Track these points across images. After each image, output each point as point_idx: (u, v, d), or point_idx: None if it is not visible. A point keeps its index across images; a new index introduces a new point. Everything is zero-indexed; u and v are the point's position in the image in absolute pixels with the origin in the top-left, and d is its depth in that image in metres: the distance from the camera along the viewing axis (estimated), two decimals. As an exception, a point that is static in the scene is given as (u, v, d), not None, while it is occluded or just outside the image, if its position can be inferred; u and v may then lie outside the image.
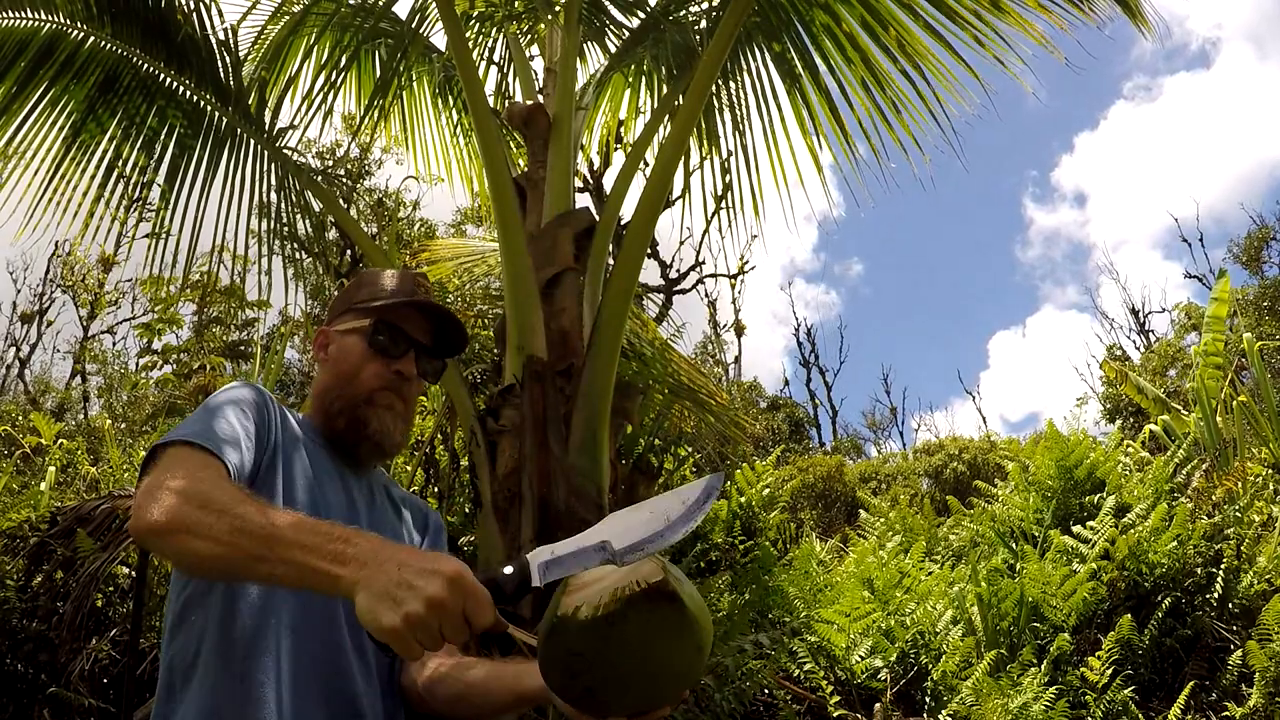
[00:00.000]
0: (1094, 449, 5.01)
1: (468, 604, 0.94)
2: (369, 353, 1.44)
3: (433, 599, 0.91)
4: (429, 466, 4.52)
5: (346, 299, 1.52)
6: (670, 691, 1.09)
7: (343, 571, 0.96)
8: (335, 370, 1.46)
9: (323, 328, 1.53)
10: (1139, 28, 3.67)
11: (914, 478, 12.08)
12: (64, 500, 4.54)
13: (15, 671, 3.52)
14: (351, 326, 1.47)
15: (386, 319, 1.46)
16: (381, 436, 1.43)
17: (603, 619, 1.00)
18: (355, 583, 0.94)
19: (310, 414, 1.49)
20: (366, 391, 1.43)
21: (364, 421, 1.42)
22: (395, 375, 1.44)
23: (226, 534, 1.01)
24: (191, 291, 9.45)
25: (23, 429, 7.11)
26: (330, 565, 0.96)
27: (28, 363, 17.21)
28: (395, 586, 0.92)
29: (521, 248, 3.44)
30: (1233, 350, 9.08)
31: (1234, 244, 18.92)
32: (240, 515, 1.02)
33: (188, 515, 1.04)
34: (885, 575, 4.47)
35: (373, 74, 5.13)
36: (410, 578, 0.93)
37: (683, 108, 3.55)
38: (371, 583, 0.93)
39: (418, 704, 1.38)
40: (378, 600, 0.92)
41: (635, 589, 1.00)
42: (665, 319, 11.57)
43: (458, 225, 15.31)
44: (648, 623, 1.01)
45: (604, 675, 1.04)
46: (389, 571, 0.94)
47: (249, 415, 1.30)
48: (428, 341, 1.49)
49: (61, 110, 4.13)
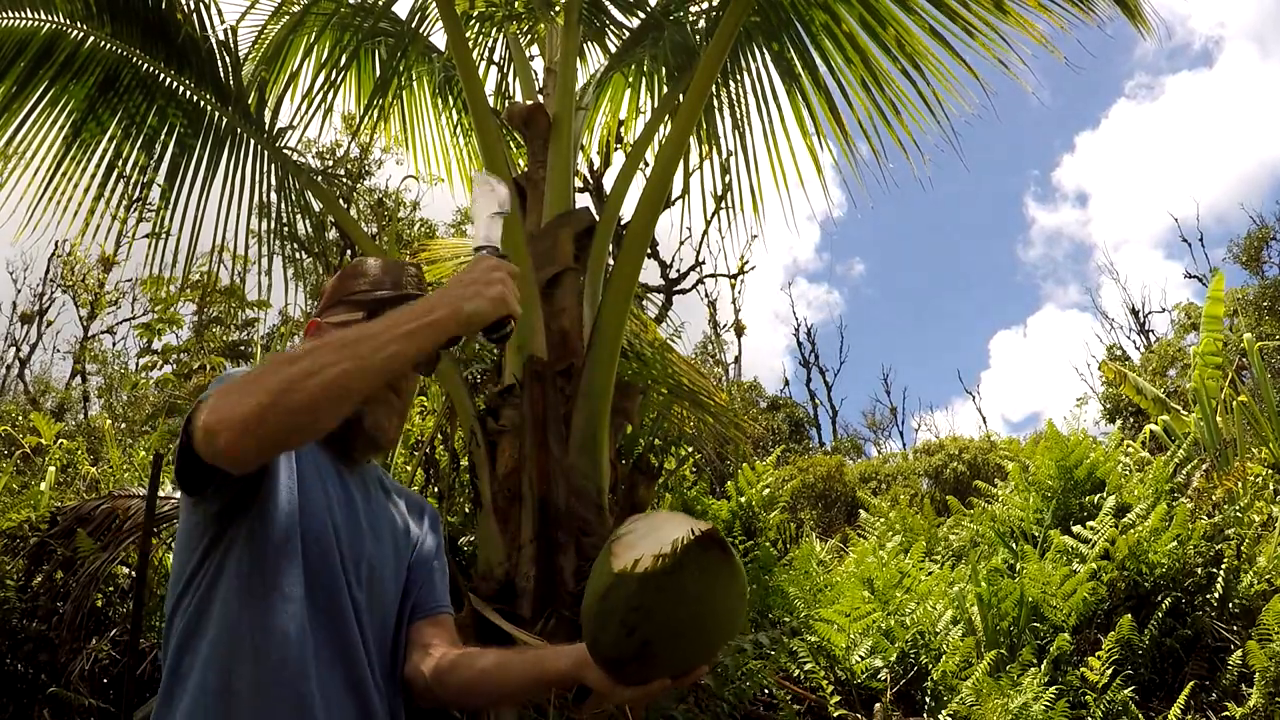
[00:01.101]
0: (1094, 449, 5.02)
1: (508, 270, 1.21)
2: None
3: (496, 273, 1.20)
4: (429, 466, 4.52)
5: (338, 290, 1.49)
6: (717, 643, 1.17)
7: (436, 315, 1.14)
8: None
9: (314, 319, 1.50)
10: (1138, 28, 3.67)
11: (914, 478, 12.08)
12: (64, 500, 4.54)
13: (15, 671, 3.52)
14: (344, 319, 1.43)
15: (379, 313, 1.39)
16: (377, 432, 1.42)
17: (662, 571, 1.06)
18: (452, 310, 1.14)
19: None
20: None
21: (358, 417, 1.39)
22: None
23: (327, 356, 1.08)
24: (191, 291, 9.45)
25: (23, 429, 7.11)
26: (424, 320, 1.13)
27: (28, 363, 17.23)
28: (475, 286, 1.17)
29: (521, 248, 3.44)
30: (1232, 350, 9.09)
31: (1234, 244, 18.93)
32: (325, 342, 1.11)
33: (273, 382, 1.06)
34: (885, 575, 4.47)
35: (373, 74, 5.13)
36: (477, 277, 1.18)
37: (683, 107, 3.55)
38: (464, 299, 1.15)
39: (422, 694, 1.38)
40: (475, 300, 1.16)
41: (690, 538, 1.06)
42: (665, 319, 11.58)
43: (458, 225, 15.32)
44: (705, 570, 1.08)
45: (662, 626, 1.09)
46: (461, 286, 1.17)
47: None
48: None
49: (61, 110, 4.13)
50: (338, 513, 1.34)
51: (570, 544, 3.00)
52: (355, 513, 1.39)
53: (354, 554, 1.33)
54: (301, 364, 1.06)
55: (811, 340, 24.90)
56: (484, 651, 1.37)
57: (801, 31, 4.16)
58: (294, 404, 1.05)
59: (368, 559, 1.36)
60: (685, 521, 1.12)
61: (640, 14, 4.71)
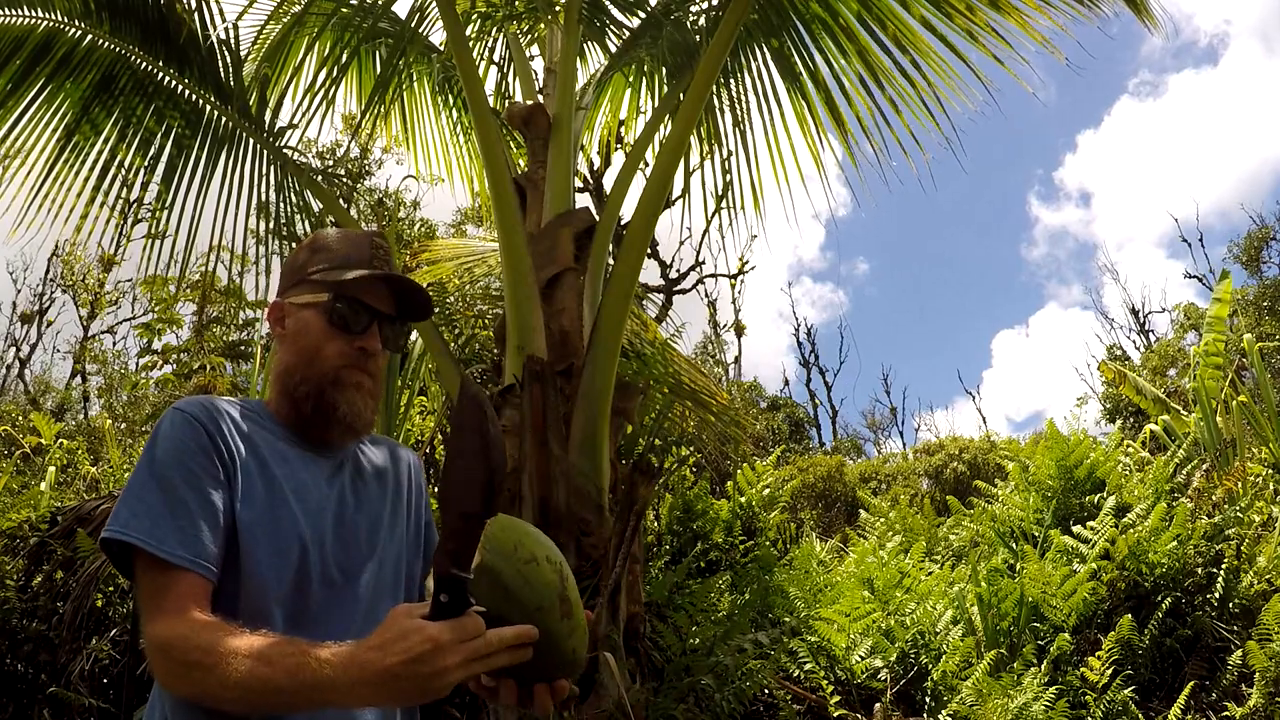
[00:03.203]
0: (1094, 449, 5.02)
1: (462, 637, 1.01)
2: (329, 329, 1.35)
3: (444, 668, 1.00)
4: (429, 467, 4.52)
5: (299, 268, 1.40)
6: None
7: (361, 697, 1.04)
8: (294, 348, 1.36)
9: (277, 299, 1.41)
10: (1145, 23, 3.66)
11: (914, 478, 12.08)
12: (64, 500, 4.54)
13: (15, 671, 3.52)
14: (308, 300, 1.36)
15: (345, 292, 1.36)
16: (353, 418, 1.35)
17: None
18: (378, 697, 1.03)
19: (272, 398, 1.40)
20: (331, 371, 1.34)
21: (333, 404, 1.33)
22: (359, 352, 1.35)
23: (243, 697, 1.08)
24: (191, 291, 9.45)
25: (23, 429, 7.11)
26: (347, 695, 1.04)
27: (28, 363, 17.22)
28: (421, 681, 1.00)
29: (521, 248, 3.44)
30: (1233, 350, 9.09)
31: (1234, 244, 18.95)
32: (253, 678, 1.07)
33: (203, 687, 1.10)
34: (885, 575, 4.47)
35: (373, 73, 5.13)
36: (413, 670, 1.00)
37: (683, 107, 3.55)
38: (401, 694, 1.02)
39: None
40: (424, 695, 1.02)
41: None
42: (665, 319, 11.58)
43: (458, 225, 15.32)
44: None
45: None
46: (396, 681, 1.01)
47: (200, 466, 1.23)
48: (390, 310, 1.39)
49: (57, 110, 4.13)
50: (321, 511, 1.31)
51: (570, 544, 3.00)
52: (344, 506, 1.34)
53: (338, 564, 1.30)
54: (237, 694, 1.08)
55: (811, 340, 24.91)
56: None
57: (802, 30, 4.16)
58: (214, 703, 1.12)
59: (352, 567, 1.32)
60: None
61: (640, 13, 4.70)
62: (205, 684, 1.09)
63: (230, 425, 1.29)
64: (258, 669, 1.06)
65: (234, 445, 1.28)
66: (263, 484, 1.27)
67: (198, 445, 1.24)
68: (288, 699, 1.06)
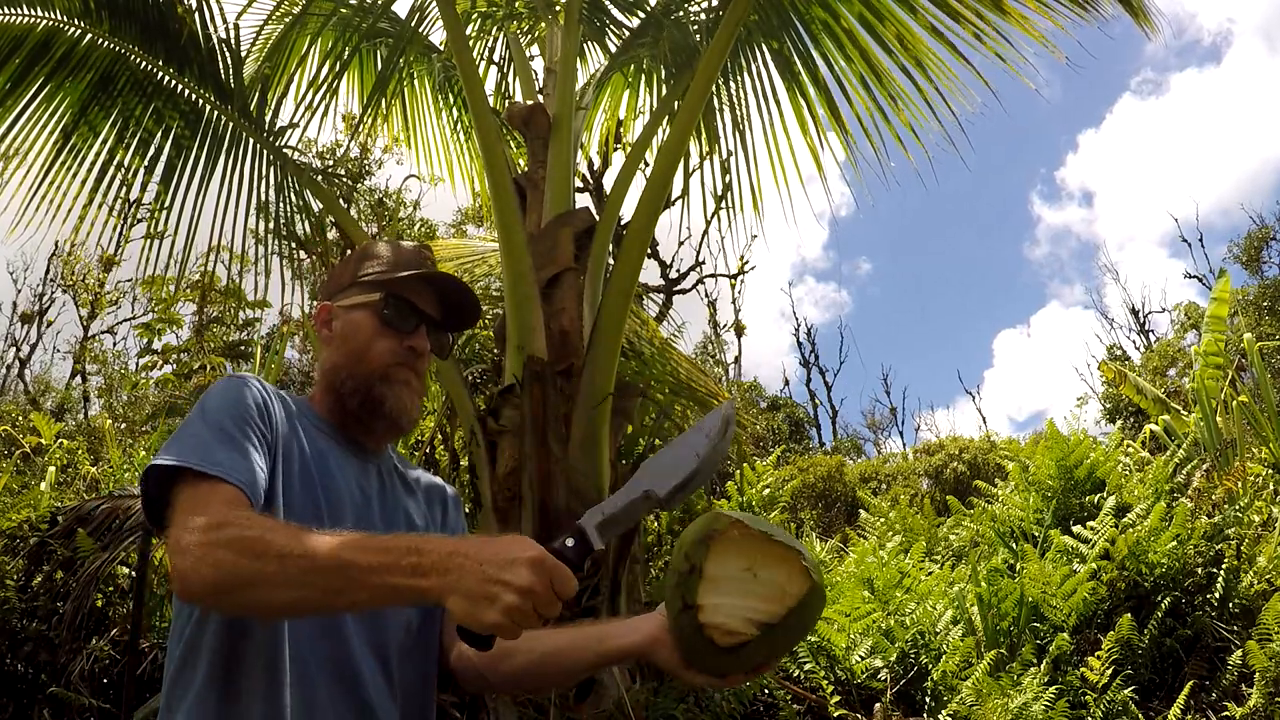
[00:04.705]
0: (1094, 449, 5.01)
1: (554, 582, 1.00)
2: (380, 328, 1.39)
3: (524, 588, 0.97)
4: (429, 466, 4.52)
5: (350, 272, 1.45)
6: (795, 645, 1.29)
7: (426, 583, 0.99)
8: (344, 348, 1.40)
9: (324, 303, 1.46)
10: (1142, 27, 3.66)
11: (914, 478, 12.08)
12: (64, 500, 4.54)
13: (15, 671, 3.52)
14: (359, 301, 1.41)
15: (396, 293, 1.40)
16: (399, 413, 1.38)
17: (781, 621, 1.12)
18: (443, 590, 0.99)
19: (315, 395, 1.43)
20: (380, 368, 1.38)
21: (380, 400, 1.37)
22: (408, 350, 1.39)
23: (298, 576, 1.01)
24: (191, 291, 9.45)
25: (23, 429, 7.12)
26: (411, 580, 0.99)
27: (28, 363, 17.22)
28: (485, 584, 0.97)
29: (521, 248, 3.43)
30: (1233, 350, 9.09)
31: (1234, 244, 18.96)
32: (305, 554, 1.02)
33: (246, 569, 1.02)
34: (885, 575, 4.47)
35: (373, 73, 5.14)
36: (496, 573, 0.98)
37: (683, 107, 3.55)
38: (460, 586, 0.98)
39: (472, 680, 1.37)
40: (473, 602, 0.97)
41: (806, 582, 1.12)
42: (665, 319, 11.57)
43: (458, 225, 15.32)
44: (810, 606, 1.14)
45: (761, 640, 1.13)
46: (472, 571, 0.98)
47: (251, 419, 1.25)
48: (437, 315, 1.45)
49: (55, 109, 4.13)
50: (345, 508, 1.31)
51: (570, 544, 2.99)
52: (369, 508, 1.35)
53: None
54: (269, 568, 1.02)
55: (811, 340, 24.91)
56: (539, 634, 1.31)
57: (802, 30, 4.16)
58: (250, 600, 1.05)
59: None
60: (781, 538, 1.14)
61: (640, 13, 4.71)
62: (262, 560, 1.01)
63: (279, 404, 1.33)
64: (326, 537, 1.03)
65: (280, 421, 1.30)
66: (299, 465, 1.29)
67: (253, 403, 1.27)
68: (356, 575, 1.00)
